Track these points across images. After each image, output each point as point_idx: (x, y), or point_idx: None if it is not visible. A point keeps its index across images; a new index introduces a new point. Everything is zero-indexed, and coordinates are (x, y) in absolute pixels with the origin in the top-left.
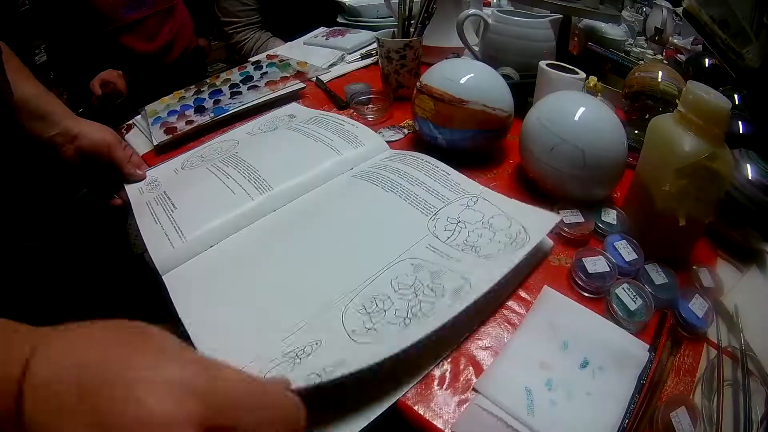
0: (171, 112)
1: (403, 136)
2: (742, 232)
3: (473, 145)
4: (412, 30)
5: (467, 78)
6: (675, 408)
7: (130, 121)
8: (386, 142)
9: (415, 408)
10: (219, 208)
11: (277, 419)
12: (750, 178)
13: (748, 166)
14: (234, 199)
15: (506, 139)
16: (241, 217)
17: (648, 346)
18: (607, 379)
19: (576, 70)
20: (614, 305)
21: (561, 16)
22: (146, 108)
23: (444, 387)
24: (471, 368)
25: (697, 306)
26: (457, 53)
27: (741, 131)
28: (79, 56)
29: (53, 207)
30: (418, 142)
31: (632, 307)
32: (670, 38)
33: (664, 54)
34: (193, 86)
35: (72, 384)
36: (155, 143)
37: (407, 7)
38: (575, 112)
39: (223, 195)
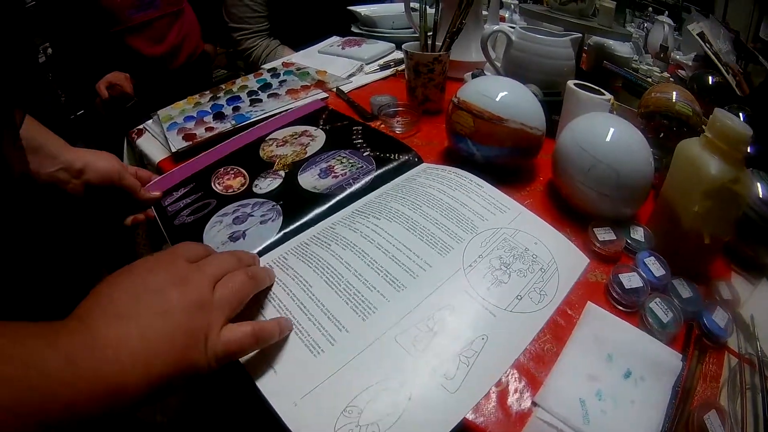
0: (188, 118)
1: None
2: (754, 248)
3: (509, 162)
4: (438, 44)
5: (505, 96)
6: (707, 411)
7: (141, 126)
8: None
9: (481, 425)
10: None
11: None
12: (761, 196)
13: (759, 185)
14: None
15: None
16: None
17: (681, 356)
18: (647, 387)
19: (601, 90)
20: (649, 318)
21: (580, 35)
22: (159, 113)
23: (505, 402)
24: (526, 382)
25: (719, 317)
26: (480, 69)
27: (748, 151)
28: (84, 56)
29: (57, 212)
30: (451, 156)
31: (665, 319)
32: (672, 54)
33: (668, 70)
34: (208, 92)
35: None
36: (174, 150)
37: (434, 20)
38: (609, 134)
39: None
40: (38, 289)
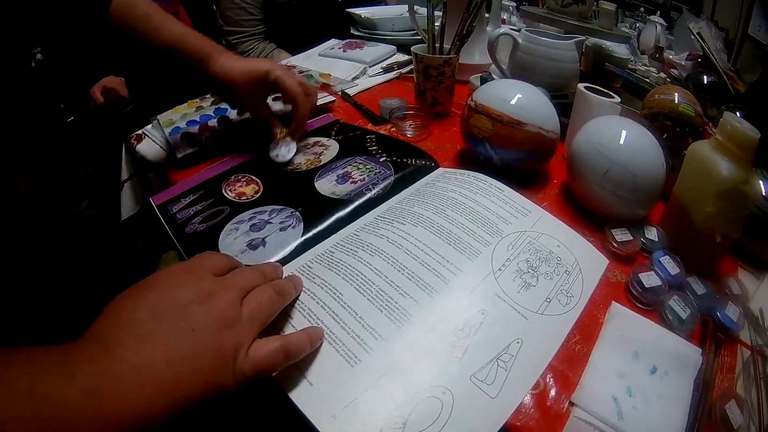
0: (191, 123)
1: None
2: (758, 244)
3: (526, 165)
4: (446, 47)
5: (522, 99)
6: (726, 401)
7: (140, 131)
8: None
9: (523, 428)
10: None
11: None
12: (764, 194)
13: (762, 183)
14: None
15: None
16: None
17: (700, 350)
18: (672, 381)
19: (611, 93)
20: (669, 315)
21: (584, 37)
22: (159, 117)
23: (544, 404)
24: (562, 383)
25: (731, 312)
26: (488, 71)
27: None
28: (78, 61)
29: (53, 220)
30: (464, 160)
31: (683, 316)
32: (664, 54)
33: (663, 70)
34: (209, 95)
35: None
36: (179, 155)
37: (443, 22)
38: (624, 137)
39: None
40: (45, 301)
